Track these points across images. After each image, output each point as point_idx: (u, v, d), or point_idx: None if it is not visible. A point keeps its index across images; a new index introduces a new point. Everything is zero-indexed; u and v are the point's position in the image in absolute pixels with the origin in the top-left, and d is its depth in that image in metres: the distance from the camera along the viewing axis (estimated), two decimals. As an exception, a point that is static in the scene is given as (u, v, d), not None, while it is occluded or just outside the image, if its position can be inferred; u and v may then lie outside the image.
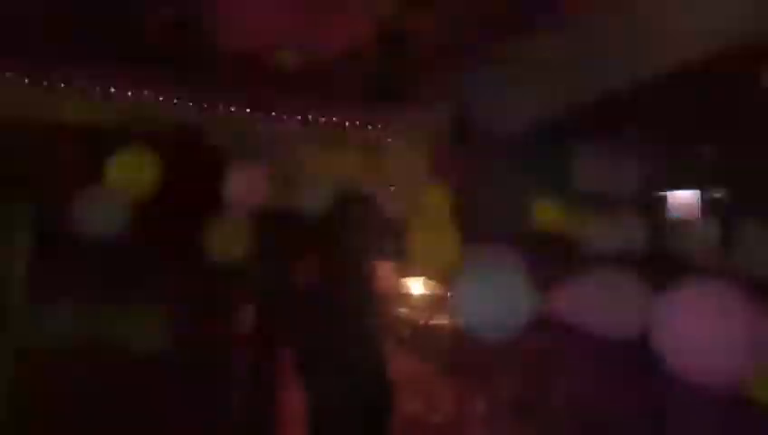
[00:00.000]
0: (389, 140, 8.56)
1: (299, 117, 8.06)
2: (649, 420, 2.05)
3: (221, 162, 3.51)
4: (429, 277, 2.50)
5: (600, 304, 2.06)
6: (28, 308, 2.27)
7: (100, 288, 2.35)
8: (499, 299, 2.10)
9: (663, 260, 3.24)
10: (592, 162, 4.81)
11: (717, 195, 4.66)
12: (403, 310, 2.46)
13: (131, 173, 2.67)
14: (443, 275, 2.34)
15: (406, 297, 2.50)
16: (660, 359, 1.81)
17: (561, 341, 2.12)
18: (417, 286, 2.53)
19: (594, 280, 2.17)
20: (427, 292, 2.50)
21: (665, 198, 4.84)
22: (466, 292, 2.16)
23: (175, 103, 7.47)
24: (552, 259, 2.92)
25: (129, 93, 7.29)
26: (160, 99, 7.37)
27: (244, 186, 2.80)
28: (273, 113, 8.05)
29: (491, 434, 2.33)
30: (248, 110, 7.91)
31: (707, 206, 4.62)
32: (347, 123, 5.12)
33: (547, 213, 3.21)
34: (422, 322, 2.41)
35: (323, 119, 5.11)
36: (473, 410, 2.42)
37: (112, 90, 7.21)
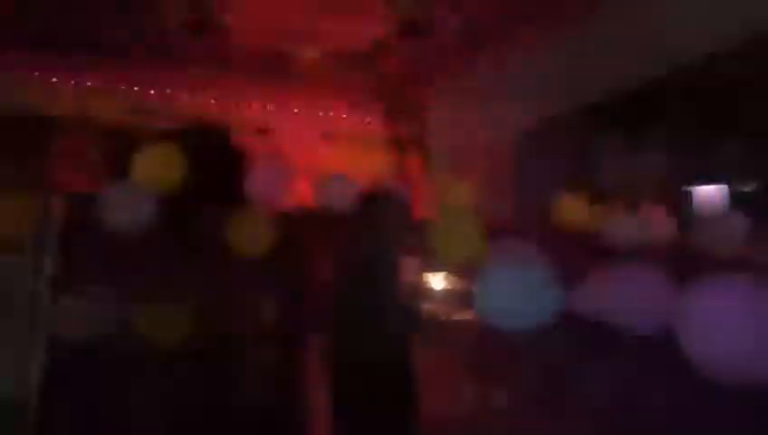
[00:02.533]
0: (409, 135, 8.59)
1: (320, 114, 8.13)
2: (674, 417, 2.02)
3: (243, 158, 3.53)
4: (453, 272, 2.49)
5: (626, 299, 2.03)
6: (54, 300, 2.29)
7: (125, 282, 2.36)
8: (523, 294, 2.08)
9: (690, 255, 3.19)
10: (618, 155, 4.75)
11: (746, 189, 4.58)
12: (427, 305, 2.45)
13: (157, 168, 2.69)
14: (466, 270, 2.32)
15: (429, 292, 2.49)
16: (687, 356, 1.78)
17: (586, 337, 2.10)
18: (440, 281, 2.52)
19: (620, 275, 2.14)
20: (451, 287, 2.49)
21: (691, 192, 4.78)
22: (490, 287, 2.14)
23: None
24: (577, 254, 2.90)
25: (155, 91, 7.41)
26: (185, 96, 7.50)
27: (266, 181, 2.81)
28: (295, 110, 8.11)
29: (513, 429, 2.32)
30: (267, 106, 7.99)
31: (735, 200, 4.55)
32: (368, 120, 5.12)
33: (571, 207, 3.17)
34: (446, 317, 2.40)
35: (344, 115, 5.12)
36: (495, 406, 2.41)
37: (136, 88, 7.33)
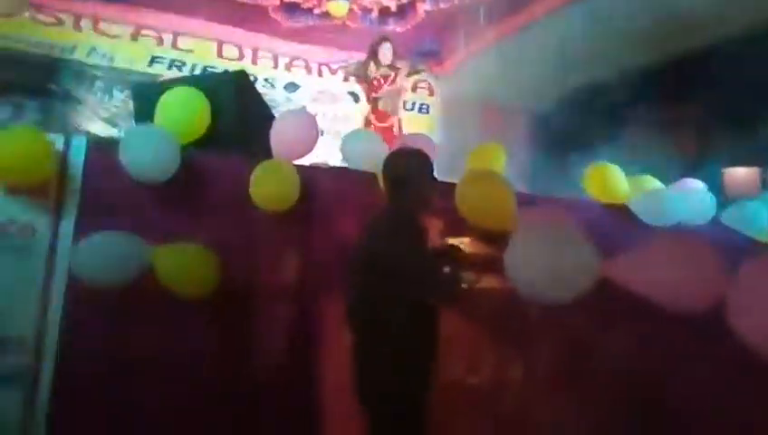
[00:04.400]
0: (438, 95, 8.45)
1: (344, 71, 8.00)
2: (708, 394, 1.98)
3: (269, 110, 3.47)
4: (481, 236, 2.43)
5: (662, 273, 1.96)
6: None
7: (146, 226, 2.33)
8: (555, 261, 2.01)
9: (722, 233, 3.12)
10: (652, 130, 4.65)
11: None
12: (452, 270, 2.38)
13: (181, 114, 2.64)
14: (496, 235, 2.26)
15: (455, 256, 2.42)
16: (723, 331, 1.74)
17: (619, 308, 2.04)
18: (467, 246, 2.46)
19: (656, 248, 2.07)
20: (478, 251, 2.43)
21: (723, 174, 4.67)
22: (521, 252, 2.08)
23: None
24: (609, 225, 2.83)
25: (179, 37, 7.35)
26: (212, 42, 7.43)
27: (291, 133, 2.75)
28: (322, 66, 8.00)
29: (535, 400, 2.29)
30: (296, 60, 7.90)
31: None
32: (396, 78, 5.02)
33: (601, 179, 3.09)
34: (472, 282, 2.35)
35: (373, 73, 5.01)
36: (518, 375, 2.37)
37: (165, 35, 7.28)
